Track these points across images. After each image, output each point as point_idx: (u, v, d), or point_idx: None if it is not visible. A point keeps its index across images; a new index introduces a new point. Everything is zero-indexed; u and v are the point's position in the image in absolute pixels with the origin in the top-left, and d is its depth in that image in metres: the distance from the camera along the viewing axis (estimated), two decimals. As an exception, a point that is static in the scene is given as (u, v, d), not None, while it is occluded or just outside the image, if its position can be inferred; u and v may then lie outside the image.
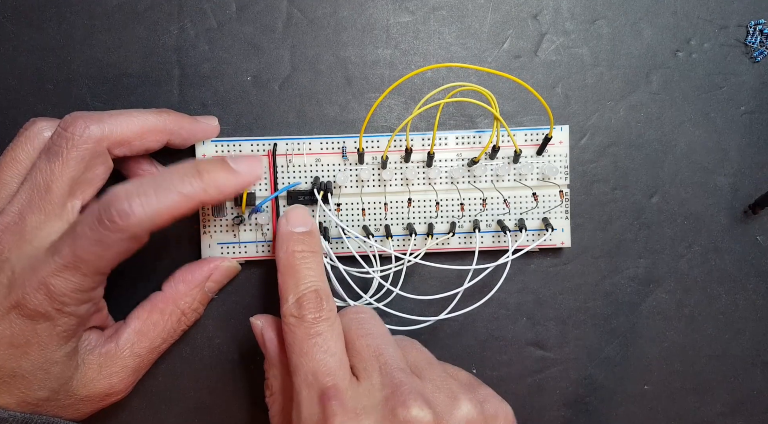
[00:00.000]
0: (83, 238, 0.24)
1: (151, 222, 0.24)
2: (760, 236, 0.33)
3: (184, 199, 0.25)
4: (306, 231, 0.28)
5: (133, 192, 0.24)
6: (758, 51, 0.33)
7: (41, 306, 0.24)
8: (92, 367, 0.27)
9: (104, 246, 0.24)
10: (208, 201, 0.26)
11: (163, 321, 0.30)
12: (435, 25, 0.33)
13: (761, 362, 0.33)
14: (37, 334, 0.24)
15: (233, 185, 0.26)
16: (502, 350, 0.33)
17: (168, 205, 0.24)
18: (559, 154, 0.32)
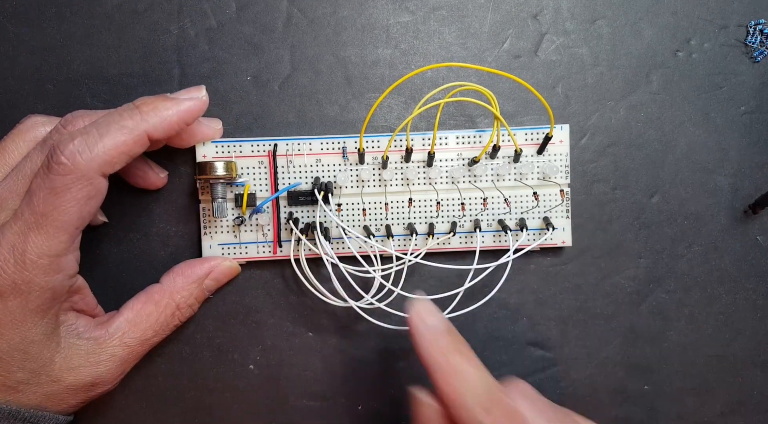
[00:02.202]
0: (38, 191, 0.24)
1: (100, 159, 0.24)
2: (760, 236, 0.33)
3: (127, 132, 0.25)
4: (447, 325, 0.26)
5: (77, 134, 0.24)
6: (758, 51, 0.33)
7: (10, 278, 0.24)
8: (78, 352, 0.27)
9: (59, 193, 0.24)
10: (153, 132, 0.26)
11: (156, 313, 0.29)
12: (435, 25, 0.33)
13: (761, 362, 0.33)
14: (10, 312, 0.24)
15: (174, 111, 0.26)
16: (502, 350, 0.33)
17: (113, 140, 0.25)
18: (560, 153, 0.32)
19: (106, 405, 0.32)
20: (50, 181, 0.24)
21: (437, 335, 0.25)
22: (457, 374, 0.24)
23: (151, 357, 0.32)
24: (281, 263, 0.32)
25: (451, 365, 0.24)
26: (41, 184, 0.24)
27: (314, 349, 0.33)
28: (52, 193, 0.24)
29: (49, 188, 0.24)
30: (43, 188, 0.24)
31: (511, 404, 0.24)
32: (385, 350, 0.33)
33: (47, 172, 0.24)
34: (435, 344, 0.25)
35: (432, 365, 0.25)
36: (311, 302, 0.33)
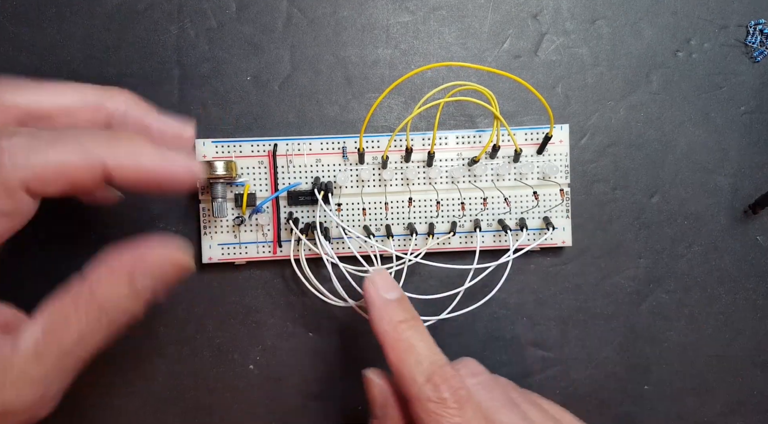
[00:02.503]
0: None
1: (30, 172, 0.20)
2: (760, 236, 0.33)
3: (81, 153, 0.20)
4: (400, 297, 0.26)
5: (24, 132, 0.20)
6: (758, 51, 0.33)
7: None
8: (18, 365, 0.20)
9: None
10: (113, 168, 0.21)
11: (77, 317, 0.22)
12: (435, 25, 0.33)
13: (761, 362, 0.33)
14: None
15: (153, 162, 0.22)
16: (502, 350, 0.33)
17: (58, 155, 0.20)
18: (560, 153, 0.32)
19: (106, 405, 0.32)
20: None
21: (390, 307, 0.26)
22: (406, 347, 0.25)
23: (151, 357, 0.32)
24: (281, 263, 0.32)
25: (400, 338, 0.25)
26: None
27: (314, 349, 0.33)
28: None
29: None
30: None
31: (457, 377, 0.24)
32: (385, 350, 0.33)
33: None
34: (387, 317, 0.25)
35: (382, 336, 0.25)
36: (311, 302, 0.33)
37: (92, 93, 0.24)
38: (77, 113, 0.24)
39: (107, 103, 0.25)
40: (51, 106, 0.23)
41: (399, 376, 0.24)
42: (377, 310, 0.26)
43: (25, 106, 0.23)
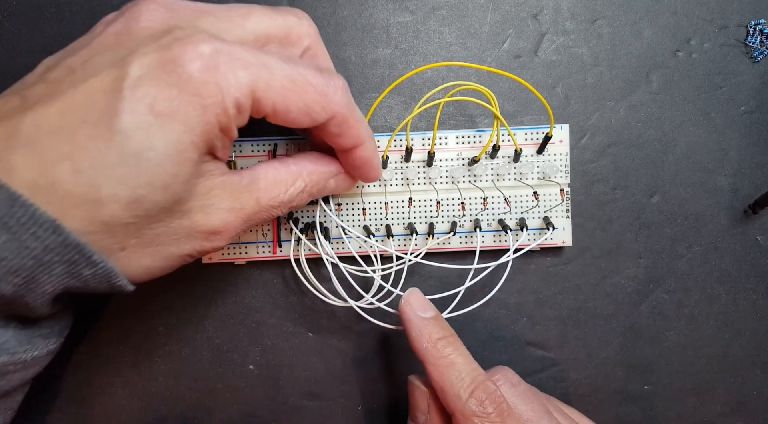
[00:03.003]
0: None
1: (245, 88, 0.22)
2: (760, 236, 0.33)
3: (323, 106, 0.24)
4: (435, 315, 0.28)
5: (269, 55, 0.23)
6: (758, 51, 0.33)
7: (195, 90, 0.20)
8: (214, 194, 0.23)
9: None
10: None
11: (286, 185, 0.25)
12: (435, 25, 0.33)
13: (761, 362, 0.33)
14: (187, 106, 0.20)
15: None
16: (502, 350, 0.33)
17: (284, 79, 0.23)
18: (560, 153, 0.32)
19: (107, 405, 0.32)
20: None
21: (428, 325, 0.27)
22: (447, 364, 0.26)
23: (151, 357, 0.32)
24: (281, 263, 0.32)
25: (441, 355, 0.26)
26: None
27: (314, 349, 0.33)
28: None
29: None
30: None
31: (496, 389, 0.25)
32: (385, 350, 0.33)
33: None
34: (426, 335, 0.27)
35: (422, 353, 0.26)
36: (311, 302, 0.33)
37: (281, 19, 0.25)
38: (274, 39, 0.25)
39: (294, 30, 0.26)
40: (261, 31, 0.24)
41: (442, 391, 0.26)
42: (416, 328, 0.27)
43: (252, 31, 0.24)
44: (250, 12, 0.24)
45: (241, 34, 0.23)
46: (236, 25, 0.23)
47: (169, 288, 0.32)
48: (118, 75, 0.19)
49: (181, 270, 0.32)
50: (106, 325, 0.32)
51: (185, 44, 0.20)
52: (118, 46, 0.21)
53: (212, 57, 0.20)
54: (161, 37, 0.21)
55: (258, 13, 0.24)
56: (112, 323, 0.32)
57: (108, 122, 0.19)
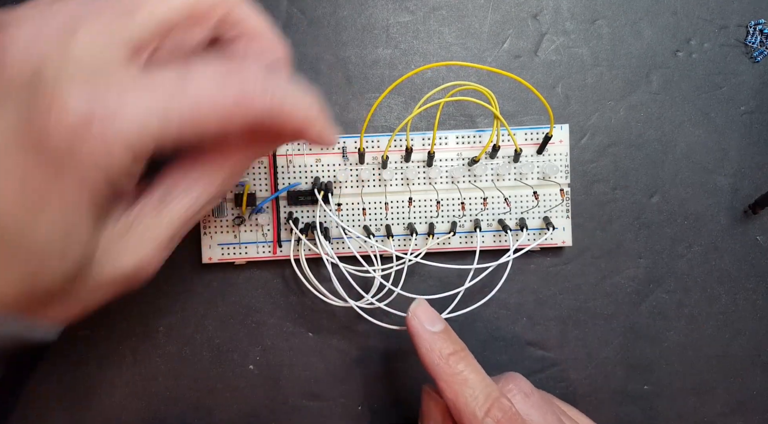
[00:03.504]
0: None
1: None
2: (760, 236, 0.33)
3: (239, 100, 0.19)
4: (444, 328, 0.27)
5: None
6: (758, 51, 0.33)
7: (90, 144, 0.17)
8: (117, 237, 0.20)
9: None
10: (272, 127, 0.20)
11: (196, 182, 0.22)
12: (435, 25, 0.33)
13: (761, 362, 0.33)
14: (63, 184, 0.17)
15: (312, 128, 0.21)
16: (502, 350, 0.33)
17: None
18: (560, 153, 0.32)
19: (107, 405, 0.32)
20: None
21: (438, 340, 0.26)
22: (460, 381, 0.25)
23: (151, 357, 0.32)
24: (281, 263, 0.32)
25: (454, 371, 0.25)
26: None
27: (314, 349, 0.33)
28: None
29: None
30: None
31: (511, 406, 0.25)
32: (385, 350, 0.33)
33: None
34: (437, 350, 0.26)
35: (433, 369, 0.26)
36: (311, 302, 0.33)
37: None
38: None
39: (199, 6, 0.21)
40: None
41: (456, 410, 0.25)
42: (425, 343, 0.26)
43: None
44: (140, 2, 0.19)
45: (133, 36, 0.19)
46: (122, 26, 0.18)
47: (169, 288, 0.32)
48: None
49: (181, 270, 0.32)
50: (106, 325, 0.32)
51: (49, 106, 0.17)
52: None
53: (84, 118, 0.17)
54: (24, 85, 0.17)
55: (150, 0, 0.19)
56: (112, 323, 0.32)
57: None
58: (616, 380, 0.33)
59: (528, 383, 0.27)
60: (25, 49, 0.18)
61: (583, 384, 0.33)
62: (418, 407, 0.29)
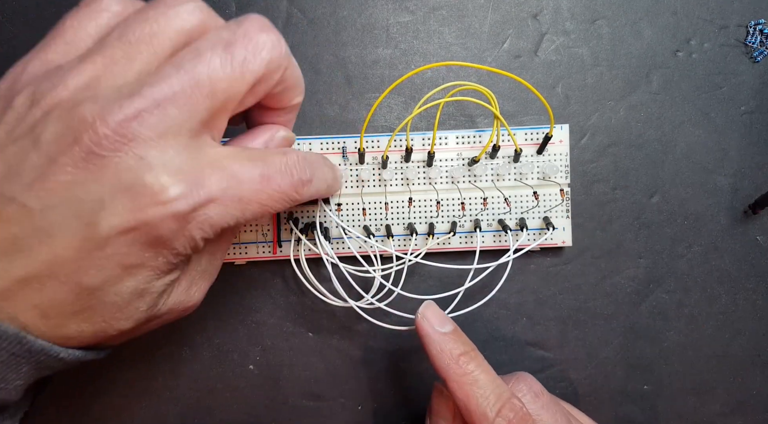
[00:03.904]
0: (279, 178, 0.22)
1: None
2: (760, 236, 0.33)
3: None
4: (454, 329, 0.27)
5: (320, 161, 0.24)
6: (758, 51, 0.33)
7: (179, 236, 0.20)
8: (180, 288, 0.23)
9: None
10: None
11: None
12: (435, 25, 0.33)
13: (761, 362, 0.33)
14: (156, 261, 0.20)
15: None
16: (502, 350, 0.33)
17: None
18: (560, 153, 0.32)
19: (107, 406, 0.32)
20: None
21: (448, 341, 0.26)
22: (471, 381, 0.25)
23: (151, 357, 0.32)
24: (281, 263, 0.32)
25: (464, 372, 0.25)
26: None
27: (314, 349, 0.33)
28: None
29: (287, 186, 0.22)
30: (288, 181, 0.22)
31: (522, 407, 0.25)
32: (385, 350, 0.33)
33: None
34: (447, 351, 0.26)
35: (444, 371, 0.26)
36: (311, 302, 0.33)
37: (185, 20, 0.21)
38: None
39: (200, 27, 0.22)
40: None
41: (467, 410, 0.25)
42: (436, 345, 0.26)
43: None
44: (217, 80, 0.20)
45: (209, 115, 0.20)
46: (199, 106, 0.20)
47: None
48: (87, 234, 0.19)
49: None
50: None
51: (156, 205, 0.19)
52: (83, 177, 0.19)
53: (187, 209, 0.19)
54: (122, 180, 0.19)
55: (164, 30, 0.20)
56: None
57: (77, 279, 0.19)
58: (616, 380, 0.33)
59: (538, 383, 0.28)
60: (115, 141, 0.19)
61: (583, 384, 0.33)
62: (427, 405, 0.29)
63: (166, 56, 0.20)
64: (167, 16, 0.20)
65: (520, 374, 0.28)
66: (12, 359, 0.19)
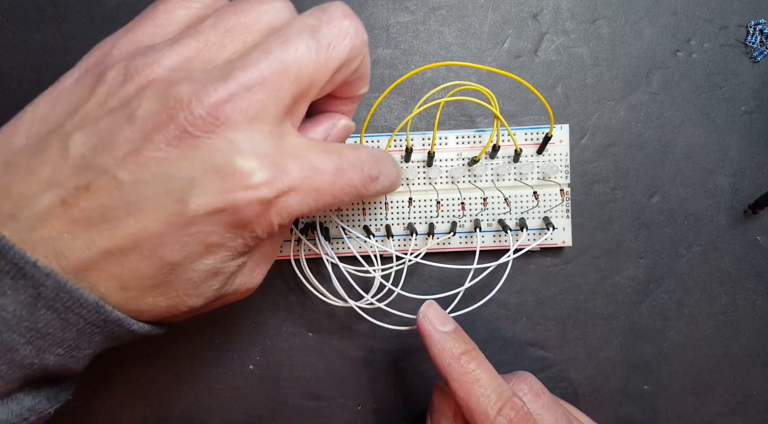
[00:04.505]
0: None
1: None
2: (760, 236, 0.33)
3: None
4: (455, 328, 0.27)
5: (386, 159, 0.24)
6: (758, 51, 0.33)
7: (261, 220, 0.20)
8: (246, 270, 0.24)
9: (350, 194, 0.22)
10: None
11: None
12: (435, 25, 0.33)
13: (761, 362, 0.33)
14: (234, 242, 0.21)
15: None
16: (502, 350, 0.33)
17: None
18: (560, 153, 0.32)
19: (107, 405, 0.32)
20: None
21: (449, 340, 0.26)
22: (472, 380, 0.25)
23: (151, 357, 0.32)
24: (281, 263, 0.32)
25: (465, 371, 0.26)
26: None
27: (314, 349, 0.33)
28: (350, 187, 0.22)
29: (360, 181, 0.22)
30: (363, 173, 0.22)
31: (523, 406, 0.25)
32: (385, 350, 0.33)
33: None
34: (448, 350, 0.26)
35: (445, 369, 0.26)
36: (311, 302, 0.33)
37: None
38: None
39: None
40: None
41: (468, 409, 0.25)
42: (437, 344, 0.26)
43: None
44: (302, 65, 0.21)
45: (293, 99, 0.21)
46: (285, 90, 0.20)
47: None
48: (176, 210, 0.19)
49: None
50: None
51: (245, 189, 0.19)
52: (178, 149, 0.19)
53: (271, 194, 0.20)
54: (212, 162, 0.19)
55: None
56: (112, 323, 0.32)
57: (160, 254, 0.19)
58: (616, 380, 0.33)
59: (539, 383, 0.28)
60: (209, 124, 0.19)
61: (583, 384, 0.33)
62: (427, 404, 0.29)
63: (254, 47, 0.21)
64: (260, 11, 0.21)
65: (521, 374, 0.28)
66: (88, 327, 0.20)
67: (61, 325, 0.19)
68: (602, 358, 0.33)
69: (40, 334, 0.19)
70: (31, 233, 0.18)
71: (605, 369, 0.33)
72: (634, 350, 0.33)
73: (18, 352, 0.19)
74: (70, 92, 0.20)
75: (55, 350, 0.20)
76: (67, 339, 0.20)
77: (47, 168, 0.19)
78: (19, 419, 0.20)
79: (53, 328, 0.19)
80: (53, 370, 0.20)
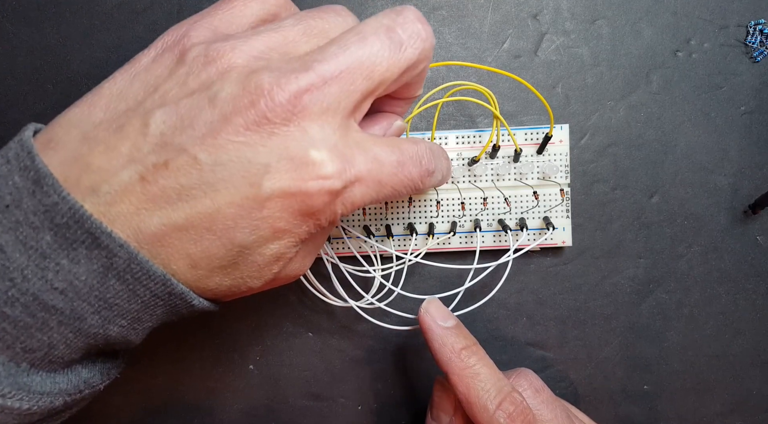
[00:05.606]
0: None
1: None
2: (760, 236, 0.33)
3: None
4: (456, 324, 0.27)
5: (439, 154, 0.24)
6: (758, 51, 0.33)
7: (326, 211, 0.21)
8: (299, 257, 0.24)
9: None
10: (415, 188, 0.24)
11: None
12: (435, 25, 0.33)
13: (761, 362, 0.33)
14: (300, 229, 0.21)
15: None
16: (502, 350, 0.33)
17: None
18: (560, 153, 0.32)
19: (107, 405, 0.32)
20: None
21: (450, 335, 0.27)
22: (472, 375, 0.26)
23: (151, 357, 0.32)
24: (281, 262, 0.32)
25: (466, 366, 0.26)
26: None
27: (314, 349, 0.33)
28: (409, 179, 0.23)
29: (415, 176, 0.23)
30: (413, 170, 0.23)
31: (522, 400, 0.25)
32: (385, 350, 0.33)
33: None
34: (449, 345, 0.26)
35: (446, 364, 0.26)
36: (311, 302, 0.33)
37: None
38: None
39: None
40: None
41: (468, 403, 0.25)
42: (438, 338, 0.27)
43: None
44: (371, 64, 0.21)
45: (360, 98, 0.21)
46: (354, 89, 0.21)
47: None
48: (250, 194, 0.19)
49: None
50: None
51: (317, 179, 0.20)
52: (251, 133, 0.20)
53: (340, 185, 0.20)
54: (288, 153, 0.20)
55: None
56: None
57: (231, 236, 0.20)
58: (616, 380, 0.33)
59: (539, 379, 0.28)
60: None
61: (583, 384, 0.33)
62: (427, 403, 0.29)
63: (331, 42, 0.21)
64: (336, 21, 0.22)
65: (521, 370, 0.28)
66: (152, 300, 0.20)
67: (128, 296, 0.20)
68: (602, 358, 0.33)
69: (107, 304, 0.20)
70: (110, 208, 0.19)
71: (605, 369, 0.33)
72: (634, 350, 0.33)
73: (86, 321, 0.19)
74: (147, 71, 0.21)
75: (120, 321, 0.20)
76: (131, 311, 0.20)
77: (127, 144, 0.19)
78: (75, 391, 0.21)
79: (120, 299, 0.20)
80: (114, 341, 0.21)
